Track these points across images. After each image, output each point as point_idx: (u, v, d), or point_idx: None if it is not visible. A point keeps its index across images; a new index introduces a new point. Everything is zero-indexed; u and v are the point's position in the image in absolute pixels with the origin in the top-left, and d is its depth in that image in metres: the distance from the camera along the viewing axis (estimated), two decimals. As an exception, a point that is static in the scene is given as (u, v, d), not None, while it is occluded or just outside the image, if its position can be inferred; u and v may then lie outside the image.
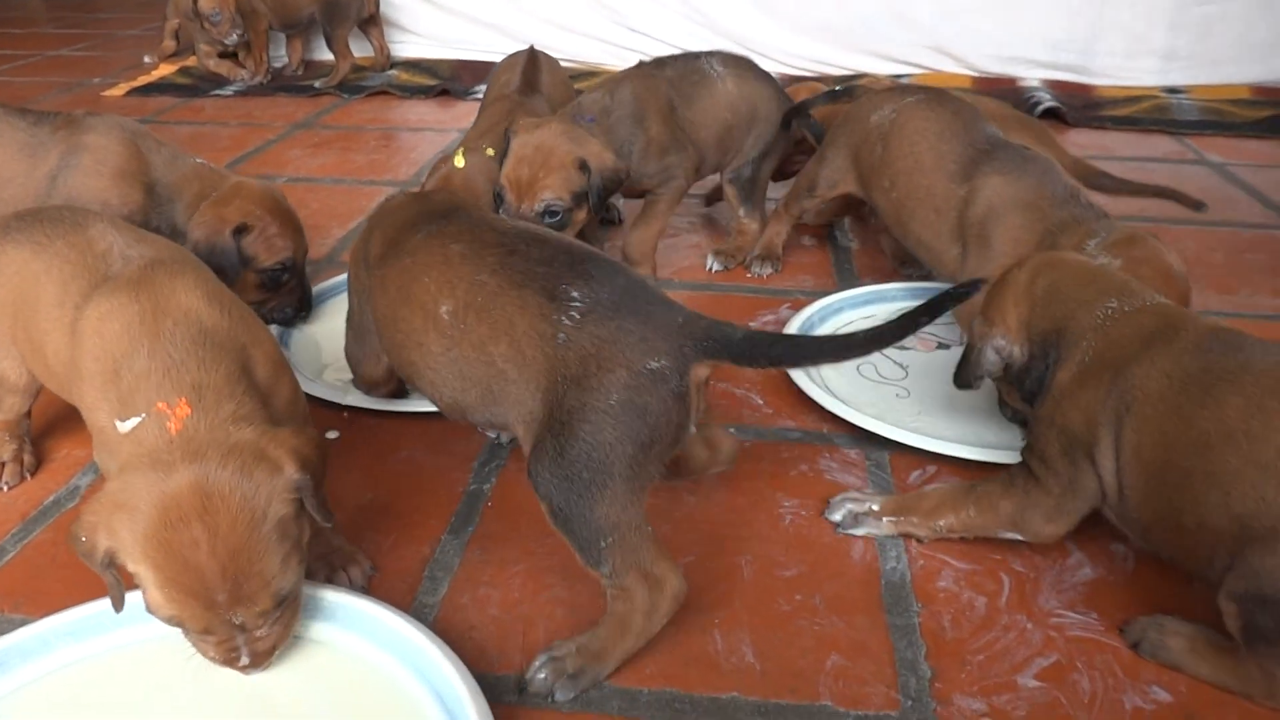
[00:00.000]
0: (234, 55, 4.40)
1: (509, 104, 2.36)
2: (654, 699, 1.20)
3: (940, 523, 1.44)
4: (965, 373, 1.53)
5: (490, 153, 2.12)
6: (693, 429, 1.24)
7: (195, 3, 4.16)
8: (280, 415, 1.28)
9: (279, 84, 4.36)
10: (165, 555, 1.05)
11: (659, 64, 2.29)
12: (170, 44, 4.84)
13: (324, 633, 1.26)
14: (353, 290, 1.62)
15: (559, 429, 1.17)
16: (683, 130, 2.23)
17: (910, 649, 1.28)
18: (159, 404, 1.13)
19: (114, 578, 1.10)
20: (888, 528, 1.47)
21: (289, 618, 1.17)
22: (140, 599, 1.10)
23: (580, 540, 1.18)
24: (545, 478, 1.18)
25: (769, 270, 2.37)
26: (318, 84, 4.26)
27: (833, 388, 1.84)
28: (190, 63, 4.67)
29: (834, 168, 2.21)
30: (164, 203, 1.95)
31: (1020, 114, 2.50)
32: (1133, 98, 3.89)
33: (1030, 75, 4.12)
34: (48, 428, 1.75)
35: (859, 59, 4.18)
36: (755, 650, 1.28)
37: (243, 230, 1.91)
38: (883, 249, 2.43)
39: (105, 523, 1.06)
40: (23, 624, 1.24)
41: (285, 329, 2.05)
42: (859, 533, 1.48)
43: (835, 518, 1.50)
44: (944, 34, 4.16)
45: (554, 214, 1.92)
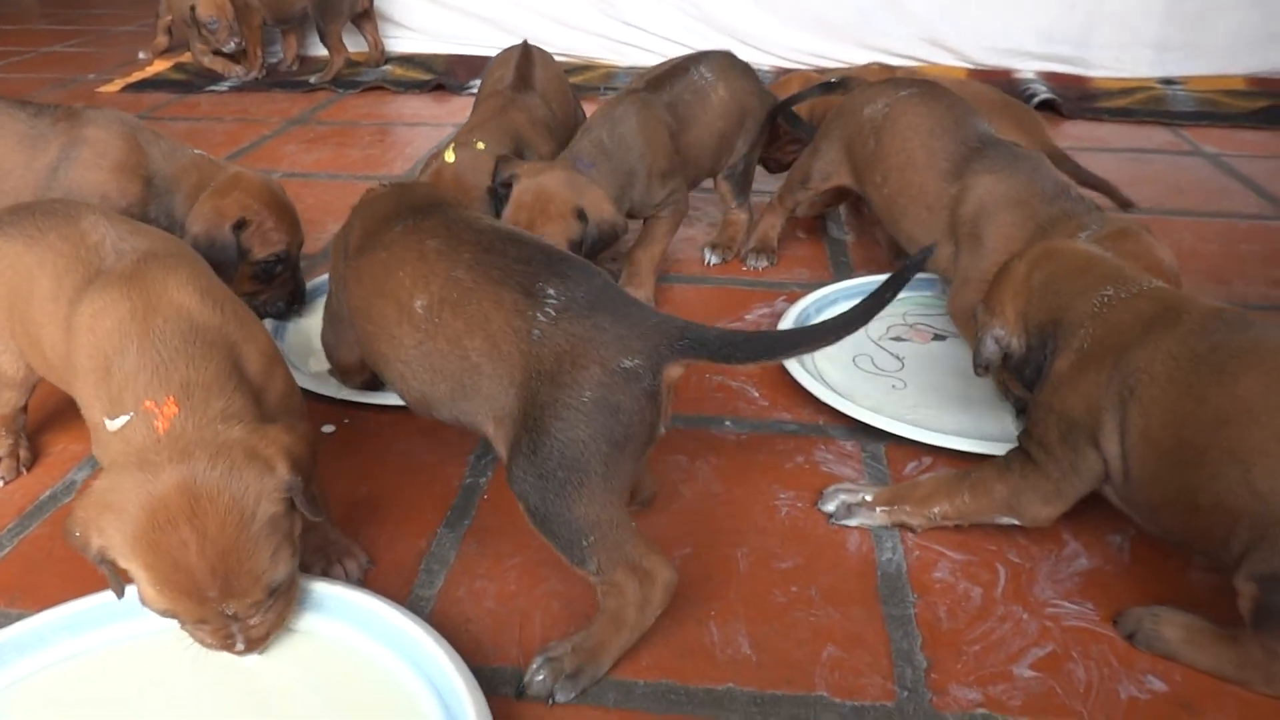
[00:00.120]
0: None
1: (502, 99, 2.36)
2: (650, 691, 1.20)
3: (934, 510, 1.45)
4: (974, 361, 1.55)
5: (481, 146, 2.12)
6: (663, 429, 1.24)
7: (193, 10, 4.17)
8: (274, 410, 1.28)
9: (274, 79, 4.35)
10: (155, 556, 1.05)
11: (654, 87, 2.23)
12: (163, 40, 4.83)
13: (320, 625, 1.26)
14: (332, 278, 1.63)
15: (533, 425, 1.18)
16: (679, 154, 2.21)
17: (906, 640, 1.28)
18: (146, 403, 1.12)
19: (111, 571, 1.10)
20: (881, 518, 1.48)
21: (284, 604, 1.18)
22: (136, 592, 1.10)
23: (561, 540, 1.18)
24: (520, 476, 1.19)
25: (764, 263, 2.37)
26: (313, 79, 4.25)
27: (829, 380, 1.84)
28: (185, 59, 4.66)
29: (827, 160, 2.21)
30: (162, 195, 1.95)
31: (1004, 96, 2.50)
32: (1128, 89, 3.89)
33: (1025, 67, 4.12)
34: (44, 422, 1.75)
35: (854, 52, 4.18)
36: (751, 642, 1.28)
37: (241, 224, 1.90)
38: (878, 241, 2.43)
39: (95, 522, 1.07)
40: (19, 618, 1.25)
41: (280, 323, 2.05)
42: (852, 523, 1.48)
43: (828, 509, 1.51)
44: (939, 26, 4.16)
45: None
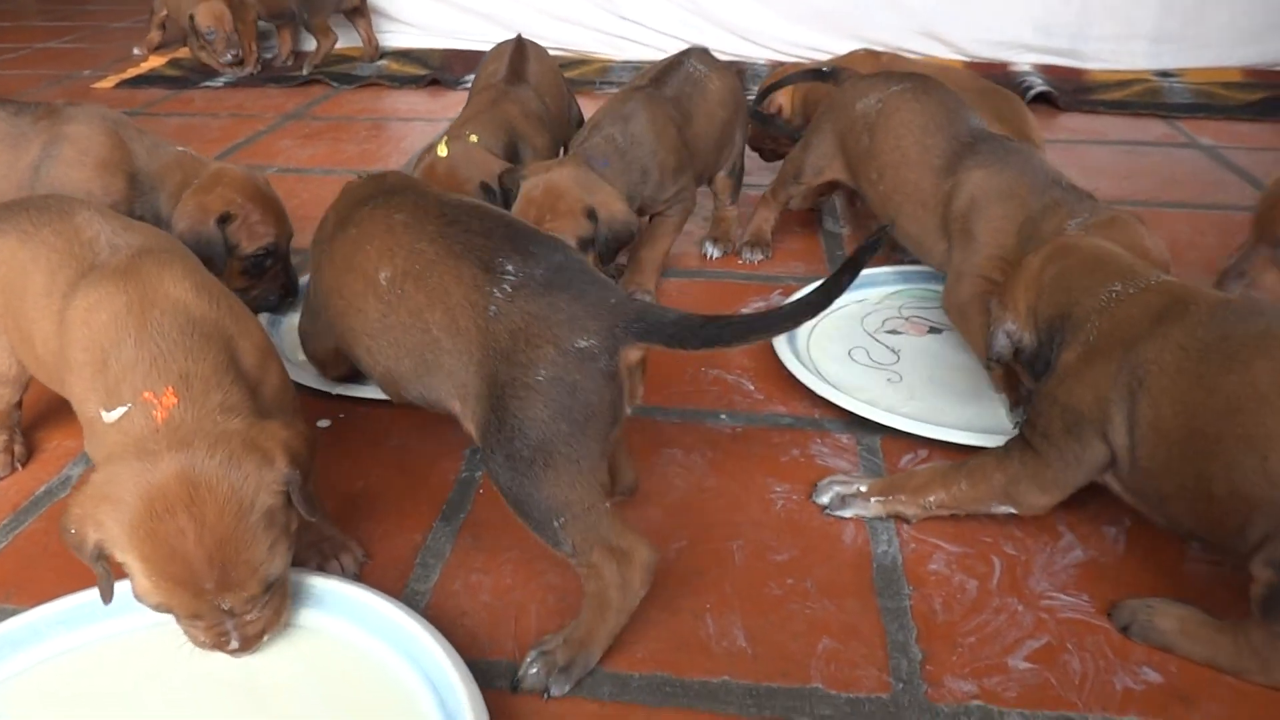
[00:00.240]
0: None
1: (495, 93, 2.37)
2: (645, 683, 1.21)
3: (929, 499, 1.45)
4: (986, 355, 1.56)
5: (474, 140, 2.12)
6: (628, 410, 1.24)
7: (192, 19, 4.18)
8: (269, 404, 1.28)
9: (269, 75, 4.34)
10: (152, 545, 1.05)
11: (657, 83, 2.23)
12: (156, 35, 4.82)
13: (315, 620, 1.26)
14: (310, 269, 1.63)
15: (497, 405, 1.19)
16: (687, 148, 2.20)
17: (901, 632, 1.28)
18: (145, 393, 1.12)
19: (104, 569, 1.10)
20: (875, 508, 1.48)
21: (279, 602, 1.18)
22: (130, 588, 1.10)
23: (534, 521, 1.19)
24: (490, 457, 1.20)
25: (759, 256, 2.37)
26: (305, 70, 4.25)
27: (824, 372, 1.84)
28: (180, 54, 4.65)
29: (819, 154, 2.20)
30: (147, 192, 1.94)
31: (986, 84, 2.50)
32: (1124, 81, 3.89)
33: (1022, 60, 4.11)
34: (39, 419, 1.75)
35: (851, 45, 4.13)
36: (747, 634, 1.28)
37: (226, 219, 1.90)
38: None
39: (92, 515, 1.06)
40: (14, 614, 1.25)
41: (274, 317, 2.05)
42: (847, 514, 1.48)
43: (822, 500, 1.51)
44: (936, 19, 4.15)
45: None
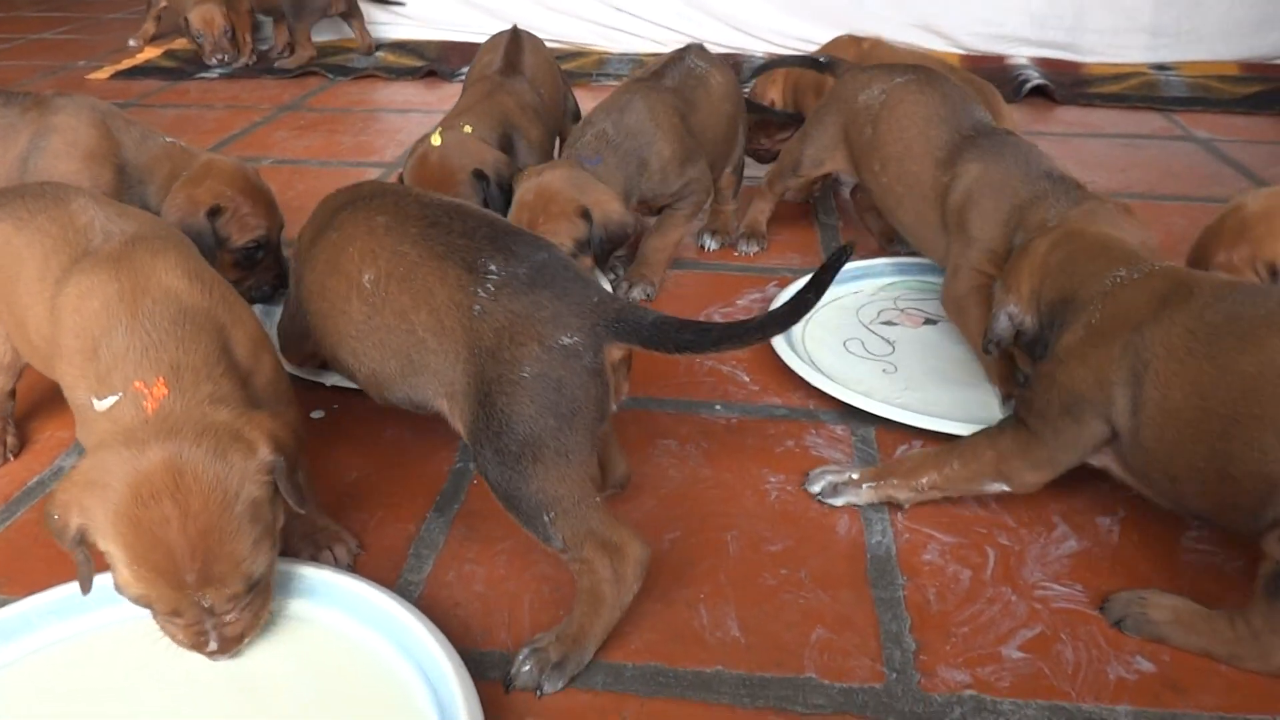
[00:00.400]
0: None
1: (490, 84, 2.37)
2: (639, 674, 1.20)
3: (922, 480, 1.45)
4: (986, 338, 1.56)
5: (468, 130, 2.11)
6: (614, 407, 1.26)
7: (187, 19, 4.20)
8: (261, 395, 1.27)
9: (264, 66, 4.33)
10: (135, 532, 1.04)
11: (657, 75, 2.22)
12: (151, 26, 4.81)
13: (308, 610, 1.26)
14: (291, 275, 1.62)
15: (484, 401, 1.20)
16: (694, 138, 2.17)
17: (895, 622, 1.28)
18: (136, 383, 1.12)
19: (84, 557, 1.09)
20: (868, 494, 1.48)
21: (259, 605, 1.17)
22: (112, 579, 1.09)
23: (524, 516, 1.20)
24: (479, 452, 1.21)
25: (755, 248, 2.36)
26: (290, 66, 4.24)
27: (820, 364, 1.83)
28: (175, 46, 4.64)
29: (819, 146, 2.19)
30: (135, 184, 1.93)
31: (963, 71, 2.50)
32: (1121, 75, 3.88)
33: (1018, 53, 4.10)
34: (31, 409, 1.75)
35: (847, 38, 4.17)
36: (740, 624, 1.28)
37: (216, 212, 1.89)
38: (868, 226, 2.42)
39: (77, 500, 1.06)
40: (5, 604, 1.24)
41: (267, 307, 2.04)
42: (838, 502, 1.49)
43: (814, 488, 1.51)
44: (932, 12, 4.14)
45: None
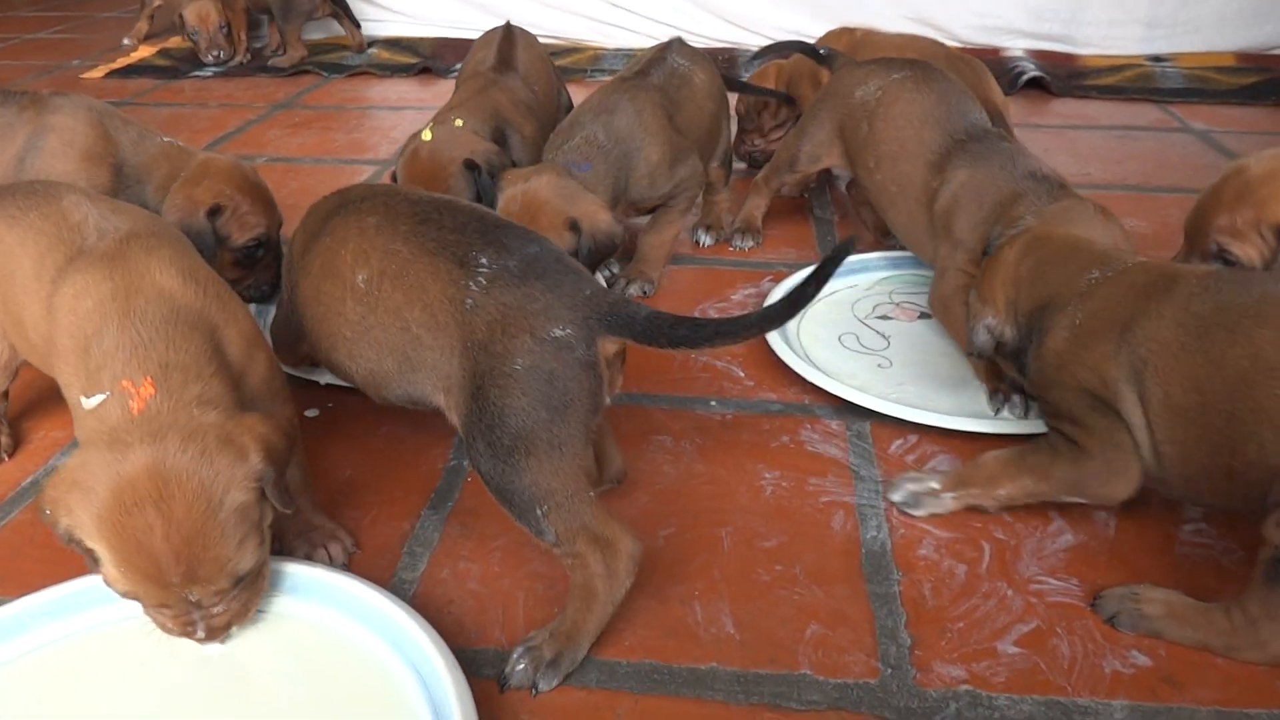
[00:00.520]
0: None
1: (483, 80, 2.37)
2: (633, 670, 1.20)
3: (1001, 491, 1.41)
4: (967, 350, 1.55)
5: (459, 124, 2.11)
6: (607, 400, 1.26)
7: (182, 16, 4.19)
8: (255, 394, 1.27)
9: (258, 64, 4.32)
10: (119, 538, 1.04)
11: (641, 74, 2.18)
12: (145, 25, 4.80)
13: (301, 608, 1.25)
14: (283, 282, 1.60)
15: (477, 394, 1.20)
16: (682, 135, 2.14)
17: (890, 617, 1.28)
18: (123, 382, 1.12)
19: (81, 549, 1.09)
20: (951, 504, 1.44)
21: (250, 595, 1.17)
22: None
23: (517, 509, 1.20)
24: (471, 445, 1.21)
25: (750, 243, 2.36)
26: (284, 64, 4.23)
27: (814, 358, 1.83)
28: (169, 44, 4.63)
29: (815, 142, 2.19)
30: (133, 183, 1.93)
31: (949, 51, 2.49)
32: (1117, 66, 3.88)
33: (1014, 45, 4.10)
34: (26, 408, 1.74)
35: (843, 31, 4.16)
36: (735, 621, 1.28)
37: (216, 211, 1.88)
38: (864, 220, 2.42)
39: (63, 499, 1.06)
40: (0, 604, 1.24)
41: (262, 306, 2.03)
42: (921, 513, 1.45)
43: (896, 498, 1.47)
44: (927, 4, 4.13)
45: None
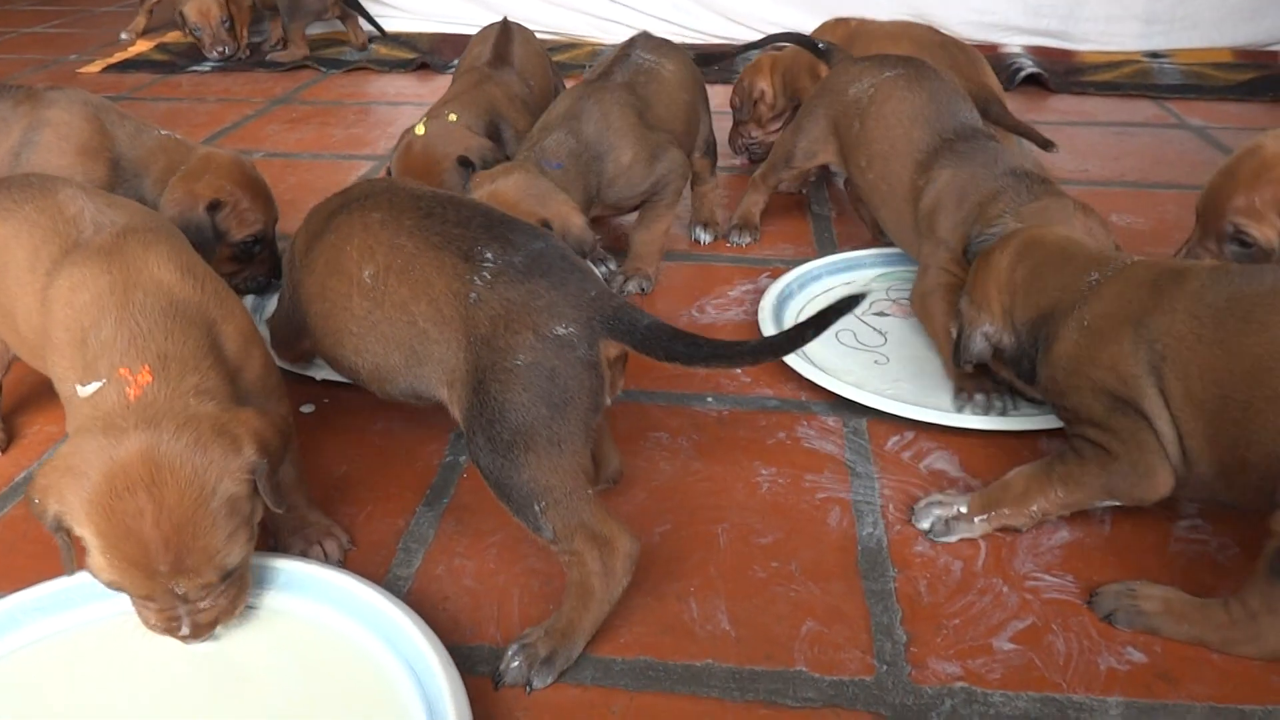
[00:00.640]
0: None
1: (478, 75, 2.37)
2: (628, 668, 1.20)
3: (1034, 508, 1.37)
4: (959, 355, 1.54)
5: (453, 118, 2.12)
6: (608, 401, 1.26)
7: (183, 13, 4.17)
8: (251, 389, 1.27)
9: (257, 59, 4.31)
10: (108, 523, 1.04)
11: (605, 75, 2.15)
12: (143, 20, 4.79)
13: (295, 604, 1.25)
14: (285, 282, 1.60)
15: (479, 388, 1.20)
16: (656, 131, 2.11)
17: (886, 614, 1.28)
18: (121, 369, 1.12)
19: (64, 541, 1.09)
20: (982, 527, 1.39)
21: (235, 592, 1.16)
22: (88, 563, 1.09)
23: (515, 504, 1.20)
24: (472, 439, 1.21)
25: (748, 239, 2.36)
26: (283, 60, 4.22)
27: (811, 355, 1.82)
28: (167, 39, 4.62)
29: (811, 139, 2.19)
30: (130, 178, 1.92)
31: (942, 37, 2.48)
32: (1114, 63, 3.88)
33: (1012, 41, 4.09)
34: (19, 403, 1.74)
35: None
36: (731, 618, 1.27)
37: (216, 206, 1.88)
38: (861, 217, 2.42)
39: (55, 485, 1.06)
40: (-7, 600, 1.24)
41: (258, 301, 2.03)
42: (952, 539, 1.39)
43: (924, 525, 1.42)
44: (926, 1, 4.12)
45: None
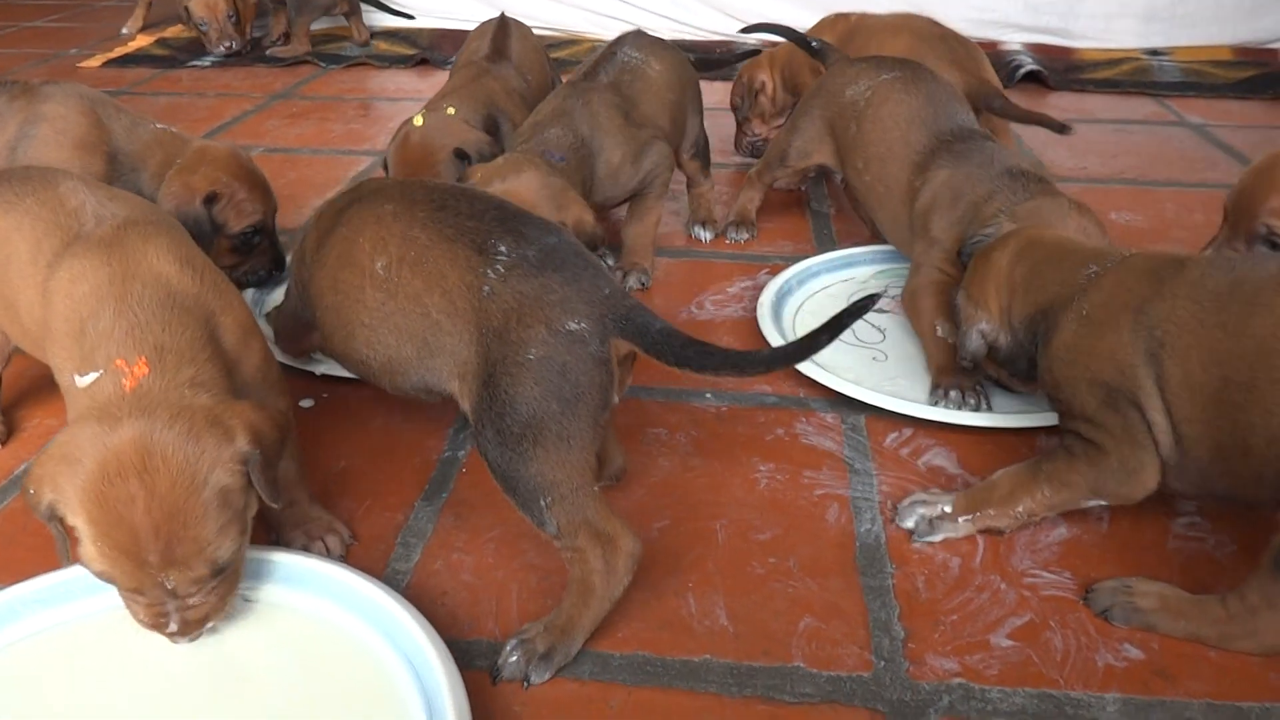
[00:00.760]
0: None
1: (476, 69, 2.38)
2: (626, 663, 1.20)
3: (1019, 508, 1.37)
4: (959, 352, 1.54)
5: (451, 111, 2.12)
6: (616, 399, 1.26)
7: (188, 9, 4.15)
8: (250, 381, 1.27)
9: (257, 54, 4.31)
10: (100, 509, 1.04)
11: (589, 75, 2.15)
12: (143, 14, 4.78)
13: (294, 598, 1.26)
14: (292, 278, 1.58)
15: (489, 381, 1.20)
16: (641, 129, 2.11)
17: (884, 610, 1.28)
18: (117, 360, 1.12)
19: (58, 531, 1.09)
20: (966, 528, 1.39)
21: (224, 590, 1.16)
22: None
23: (521, 499, 1.20)
24: (481, 432, 1.21)
25: (745, 236, 2.36)
26: (283, 55, 4.22)
27: (809, 352, 1.83)
28: (167, 34, 4.62)
29: (806, 138, 2.19)
30: (127, 171, 1.92)
31: (942, 30, 2.48)
32: (1114, 60, 3.88)
33: (1012, 39, 4.08)
34: (19, 397, 1.74)
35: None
36: (729, 613, 1.28)
37: (212, 198, 1.88)
38: (860, 215, 2.42)
39: (50, 474, 1.06)
40: (-8, 593, 1.24)
41: (258, 295, 2.04)
42: (937, 538, 1.39)
43: (908, 525, 1.41)
44: (926, -1, 4.12)
45: None
